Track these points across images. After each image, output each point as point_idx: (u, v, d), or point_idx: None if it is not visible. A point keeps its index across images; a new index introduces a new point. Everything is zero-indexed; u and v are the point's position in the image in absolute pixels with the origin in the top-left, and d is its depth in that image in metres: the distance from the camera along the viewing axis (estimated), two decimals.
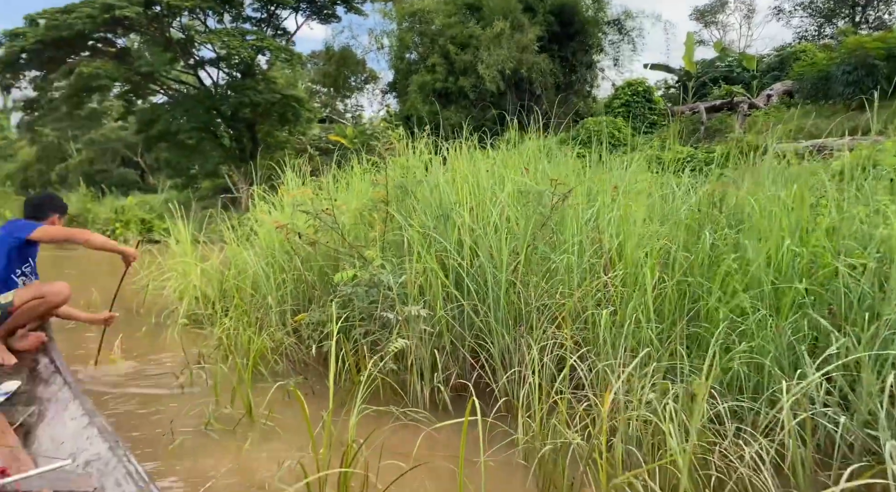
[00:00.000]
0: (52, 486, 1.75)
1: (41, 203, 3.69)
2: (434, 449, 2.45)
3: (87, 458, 2.02)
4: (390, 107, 21.63)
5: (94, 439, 2.10)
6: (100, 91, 19.64)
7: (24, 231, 3.40)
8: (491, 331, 3.23)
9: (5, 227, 3.55)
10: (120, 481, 1.76)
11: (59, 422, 2.47)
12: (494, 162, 4.45)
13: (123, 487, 1.71)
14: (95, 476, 1.86)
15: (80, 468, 1.97)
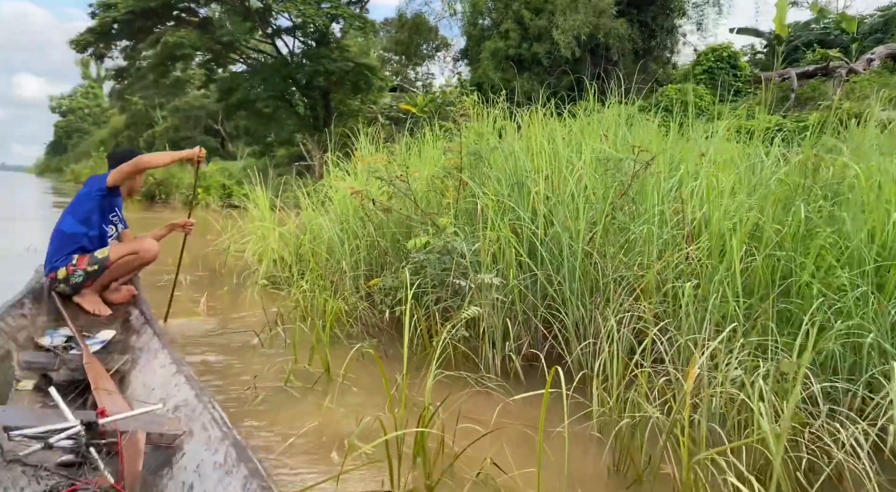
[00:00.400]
0: (146, 427, 1.84)
1: (123, 156, 3.80)
2: (507, 416, 2.45)
3: (176, 403, 2.12)
4: (461, 75, 21.43)
5: (182, 386, 2.21)
6: (183, 60, 20.40)
7: (101, 181, 3.59)
8: (565, 301, 3.18)
9: (86, 184, 3.72)
10: (206, 425, 1.83)
11: (149, 369, 2.61)
12: (571, 129, 4.32)
13: (209, 431, 1.79)
14: (184, 420, 1.95)
15: (170, 412, 2.07)
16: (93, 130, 51.49)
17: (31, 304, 3.27)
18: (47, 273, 3.50)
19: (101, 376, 2.40)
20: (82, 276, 3.43)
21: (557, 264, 3.25)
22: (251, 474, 1.45)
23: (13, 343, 2.71)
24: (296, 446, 2.25)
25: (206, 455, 1.69)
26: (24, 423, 1.77)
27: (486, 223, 3.35)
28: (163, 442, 1.85)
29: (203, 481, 1.60)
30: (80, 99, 60.51)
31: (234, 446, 1.62)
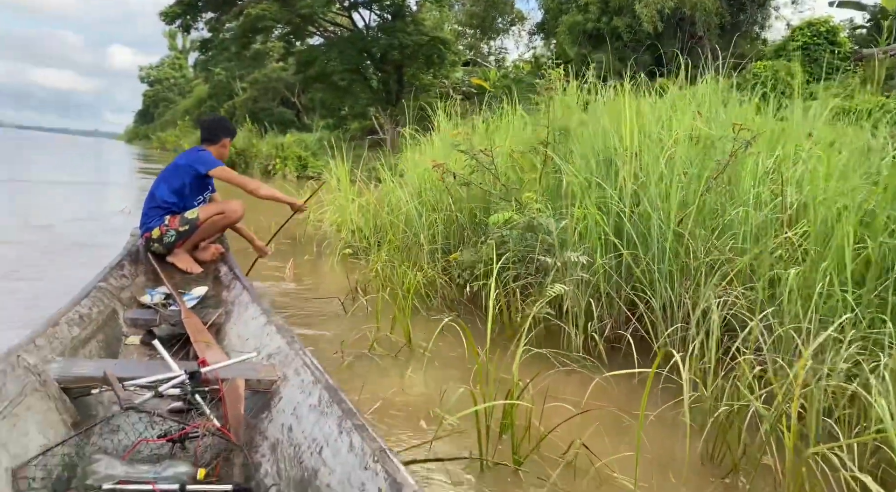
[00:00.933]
0: (244, 374, 1.94)
1: (216, 127, 3.91)
2: (592, 398, 2.42)
3: (269, 351, 2.21)
4: (537, 49, 21.00)
5: (273, 336, 2.29)
6: (264, 32, 20.83)
7: (203, 165, 3.65)
8: (652, 283, 3.09)
9: (187, 156, 3.81)
10: (298, 370, 1.90)
11: (242, 321, 2.73)
12: (662, 105, 4.15)
13: (302, 376, 1.85)
14: (278, 367, 2.04)
15: (265, 360, 2.16)
16: (178, 99, 53.78)
17: (130, 265, 3.46)
18: (142, 234, 3.68)
19: (199, 330, 2.54)
20: (174, 235, 3.60)
21: (645, 245, 3.15)
22: (345, 414, 1.51)
23: (118, 302, 2.87)
24: (381, 411, 2.30)
25: (300, 398, 1.76)
26: (136, 374, 1.89)
27: (572, 200, 3.28)
28: (260, 387, 1.94)
29: (300, 421, 1.67)
30: (167, 69, 63.15)
31: (327, 388, 1.68)
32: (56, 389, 1.77)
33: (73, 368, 1.88)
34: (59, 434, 1.66)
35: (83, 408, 1.84)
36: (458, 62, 23.33)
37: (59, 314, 2.23)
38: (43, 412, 1.66)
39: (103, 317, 2.57)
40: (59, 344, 2.06)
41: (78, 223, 6.73)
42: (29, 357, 1.79)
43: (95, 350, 2.33)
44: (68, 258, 4.75)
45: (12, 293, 3.64)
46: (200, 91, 36.36)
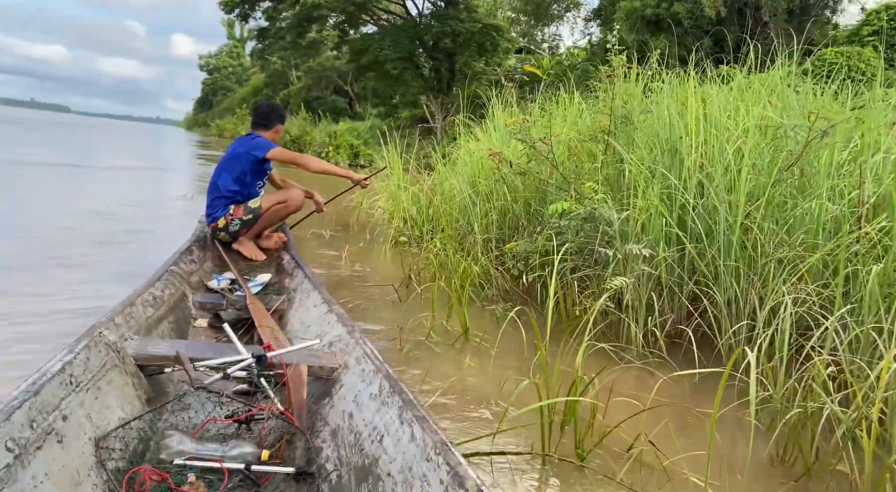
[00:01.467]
0: (307, 361, 1.97)
1: (269, 113, 4.00)
2: (654, 393, 2.36)
3: (330, 339, 2.25)
4: (592, 36, 20.56)
5: (334, 324, 2.33)
6: (319, 21, 21.09)
7: (260, 150, 3.74)
8: (717, 277, 2.98)
9: (243, 143, 3.87)
10: (359, 359, 1.93)
11: (304, 308, 2.78)
12: (728, 93, 3.99)
13: (363, 365, 1.88)
14: (339, 354, 2.07)
15: (326, 348, 2.20)
16: (235, 87, 55.19)
17: (198, 250, 3.58)
18: (209, 224, 3.82)
19: (263, 315, 2.60)
20: (239, 224, 3.72)
21: (710, 238, 3.05)
22: (406, 405, 1.52)
23: (188, 286, 2.97)
24: (441, 400, 2.30)
25: (361, 387, 1.78)
26: (206, 355, 1.95)
27: (634, 191, 3.20)
28: (322, 374, 1.98)
29: (361, 409, 1.69)
30: (225, 58, 64.81)
31: (387, 378, 1.69)
32: (133, 366, 1.85)
33: (148, 346, 1.95)
34: (135, 409, 1.73)
35: (155, 385, 1.92)
36: (510, 50, 23.09)
37: (134, 295, 2.32)
38: (121, 387, 1.74)
39: (174, 299, 2.66)
40: (134, 323, 2.14)
41: (144, 207, 7.00)
42: (109, 334, 1.86)
43: (167, 331, 2.42)
44: (135, 243, 4.93)
45: (87, 273, 3.80)
46: (257, 79, 37.19)
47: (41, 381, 1.44)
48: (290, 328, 2.70)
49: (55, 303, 3.10)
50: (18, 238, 4.56)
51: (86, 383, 1.58)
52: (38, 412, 1.36)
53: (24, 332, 2.66)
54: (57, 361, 1.54)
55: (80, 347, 1.65)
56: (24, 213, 5.80)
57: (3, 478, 1.19)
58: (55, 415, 1.41)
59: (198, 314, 2.80)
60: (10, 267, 3.74)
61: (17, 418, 1.29)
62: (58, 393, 1.46)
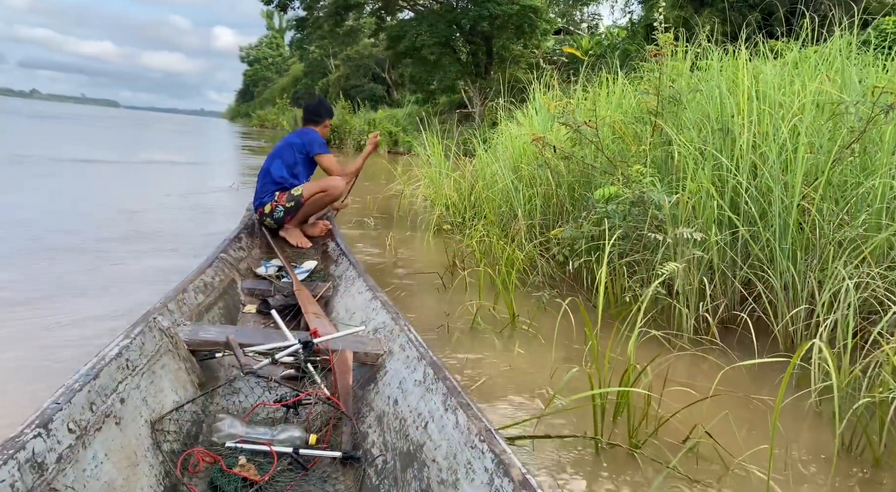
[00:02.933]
0: (352, 347, 1.99)
1: (318, 109, 4.17)
2: (709, 381, 2.30)
3: (375, 326, 2.27)
4: (634, 14, 20.04)
5: (379, 311, 2.34)
6: (356, 8, 21.11)
7: (314, 148, 3.97)
8: (772, 261, 2.88)
9: (301, 136, 4.04)
10: (403, 345, 1.94)
11: (349, 295, 2.81)
12: (780, 68, 3.83)
13: (407, 351, 1.89)
14: (383, 341, 2.08)
15: (371, 334, 2.22)
16: (275, 78, 55.95)
17: (247, 238, 3.68)
18: (256, 209, 3.95)
19: (310, 301, 2.65)
20: (282, 211, 3.85)
21: (767, 220, 2.94)
22: (450, 392, 1.52)
23: (237, 272, 3.04)
24: (491, 386, 2.30)
25: (406, 373, 1.80)
26: (254, 341, 1.99)
27: (683, 173, 3.11)
28: (367, 360, 1.99)
29: (406, 396, 1.70)
30: (265, 49, 65.68)
31: (432, 365, 1.70)
32: (185, 351, 1.89)
33: (199, 332, 2.00)
34: (188, 393, 1.78)
35: (206, 370, 1.96)
36: (549, 31, 22.69)
37: (186, 281, 2.38)
38: (174, 372, 1.78)
39: (224, 286, 2.73)
40: (187, 309, 2.20)
41: (195, 197, 7.20)
42: (163, 320, 1.90)
43: (217, 316, 2.47)
44: (189, 229, 5.06)
45: (148, 260, 3.92)
46: (296, 69, 37.55)
47: (100, 365, 1.48)
48: (335, 315, 2.73)
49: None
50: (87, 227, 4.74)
51: (141, 368, 1.62)
52: (98, 395, 1.40)
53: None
54: (114, 346, 1.58)
55: (135, 333, 1.69)
56: (87, 206, 6.01)
57: (65, 457, 1.22)
58: (113, 398, 1.45)
59: (246, 300, 2.86)
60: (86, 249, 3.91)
61: (78, 401, 1.33)
62: (115, 377, 1.50)
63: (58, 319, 2.72)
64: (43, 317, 2.74)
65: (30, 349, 2.39)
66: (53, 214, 5.39)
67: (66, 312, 2.82)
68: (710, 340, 2.77)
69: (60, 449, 1.22)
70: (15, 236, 4.31)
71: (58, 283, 3.31)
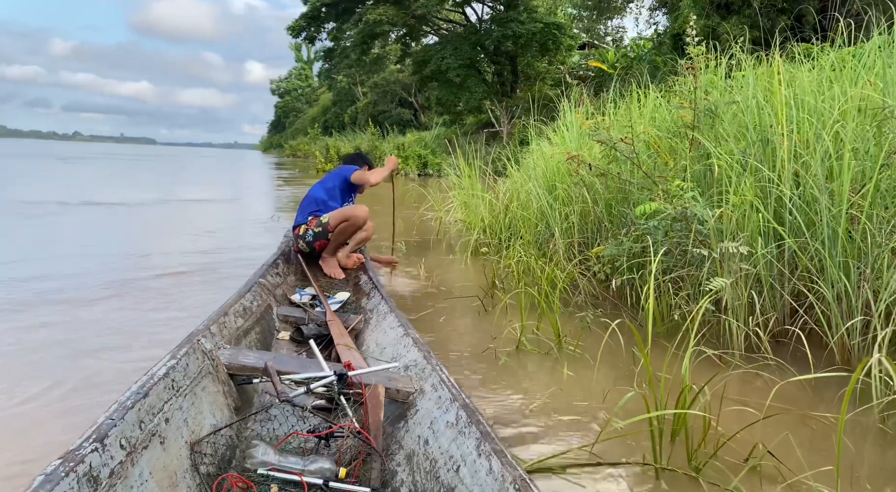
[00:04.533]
0: (384, 382, 1.96)
1: (355, 158, 4.61)
2: (764, 397, 2.24)
3: (406, 363, 2.24)
4: (658, 25, 19.96)
5: (410, 348, 2.31)
6: (381, 36, 21.51)
7: (349, 171, 4.24)
8: (822, 271, 2.81)
9: (343, 168, 4.38)
10: (436, 385, 1.90)
11: (380, 330, 2.78)
12: (816, 73, 3.77)
13: (439, 391, 1.85)
14: (415, 379, 2.04)
15: (402, 371, 2.19)
16: (305, 108, 57.26)
17: (283, 264, 3.74)
18: (294, 229, 4.13)
19: (342, 333, 2.65)
20: (312, 235, 3.99)
21: (811, 231, 2.88)
22: (483, 436, 1.49)
23: (273, 298, 3.06)
24: (543, 411, 2.28)
25: (437, 414, 1.76)
26: (290, 369, 1.99)
27: (727, 186, 3.07)
28: (398, 397, 1.96)
29: (437, 437, 1.67)
30: (295, 81, 67.35)
31: (464, 408, 1.66)
32: (225, 374, 1.91)
33: (239, 356, 2.00)
34: (225, 417, 1.78)
35: (242, 394, 1.98)
36: (574, 46, 22.76)
37: (227, 305, 2.41)
38: (213, 394, 1.79)
39: (261, 311, 2.75)
40: (227, 333, 2.22)
41: (240, 228, 7.43)
42: (206, 342, 1.92)
43: (254, 341, 2.48)
44: (237, 257, 5.18)
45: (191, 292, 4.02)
46: (325, 99, 38.32)
47: (149, 383, 1.50)
48: (365, 348, 2.71)
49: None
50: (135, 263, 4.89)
51: (185, 389, 1.65)
52: (147, 413, 1.43)
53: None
54: (161, 366, 1.61)
55: (181, 354, 1.72)
56: (134, 246, 6.20)
57: (116, 473, 1.24)
58: (159, 417, 1.47)
59: (281, 327, 2.88)
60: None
61: (129, 418, 1.35)
62: (162, 396, 1.53)
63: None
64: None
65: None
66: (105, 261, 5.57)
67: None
68: (763, 356, 2.71)
69: (113, 465, 1.24)
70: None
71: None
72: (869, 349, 2.58)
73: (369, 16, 19.38)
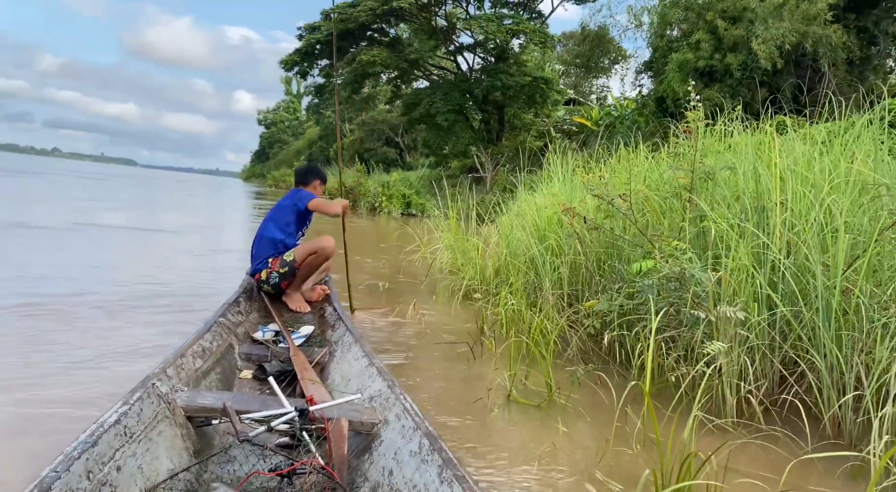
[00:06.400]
0: (347, 415, 1.94)
1: (306, 173, 4.31)
2: (753, 466, 2.21)
3: (371, 394, 2.23)
4: (642, 88, 20.63)
5: (375, 378, 2.32)
6: (373, 77, 21.82)
7: (302, 202, 4.00)
8: (815, 341, 2.82)
9: (290, 197, 4.13)
10: (399, 415, 1.90)
11: (345, 361, 2.77)
12: (812, 145, 3.88)
13: (402, 420, 1.85)
14: (378, 410, 2.04)
15: (366, 402, 2.18)
16: (291, 140, 57.46)
17: (245, 302, 3.65)
18: (252, 275, 3.96)
19: (306, 368, 2.61)
20: (277, 277, 3.84)
21: (805, 299, 2.90)
22: (445, 463, 1.49)
23: (234, 337, 3.00)
24: (539, 468, 2.21)
25: (401, 443, 1.76)
26: (250, 407, 1.95)
27: (722, 249, 3.09)
28: (362, 429, 1.95)
29: (401, 467, 1.66)
30: (282, 113, 67.73)
31: (427, 435, 1.66)
32: (182, 417, 1.86)
33: (197, 398, 1.96)
34: (183, 461, 1.73)
35: (202, 436, 1.92)
36: (560, 101, 23.34)
37: (185, 346, 2.37)
38: (170, 439, 1.74)
39: (221, 350, 2.70)
40: (185, 374, 2.18)
41: (208, 257, 7.24)
42: (161, 386, 1.88)
43: (214, 382, 2.44)
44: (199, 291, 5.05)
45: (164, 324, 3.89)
46: (312, 132, 38.59)
47: (98, 431, 1.46)
48: (330, 381, 2.69)
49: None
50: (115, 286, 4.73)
51: (138, 435, 1.60)
52: (95, 463, 1.38)
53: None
54: (113, 413, 1.56)
55: (134, 399, 1.67)
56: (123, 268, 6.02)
57: None
58: (110, 466, 1.43)
59: (243, 365, 2.82)
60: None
61: (75, 469, 1.31)
62: (113, 444, 1.48)
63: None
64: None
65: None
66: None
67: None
68: (752, 423, 2.68)
69: None
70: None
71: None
72: (862, 420, 2.57)
73: (363, 57, 19.70)
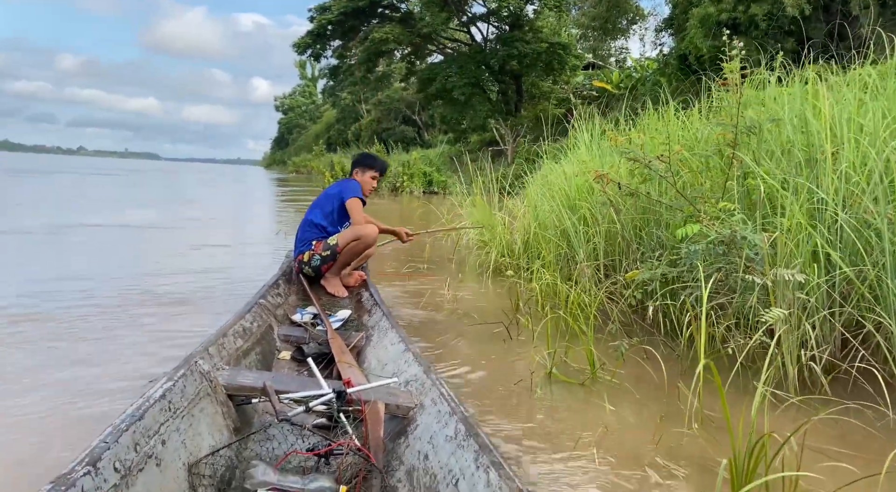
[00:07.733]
0: (384, 399, 1.97)
1: (358, 161, 4.33)
2: (818, 439, 2.04)
3: (407, 378, 2.26)
4: (664, 47, 20.00)
5: (411, 363, 2.34)
6: (387, 54, 21.53)
7: (346, 195, 4.00)
8: (883, 300, 2.61)
9: (339, 184, 4.17)
10: (435, 400, 1.91)
11: (381, 346, 2.79)
12: (861, 91, 3.60)
13: (438, 405, 1.87)
14: (415, 394, 2.06)
15: (402, 386, 2.19)
16: (308, 125, 57.44)
17: (284, 284, 3.72)
18: (295, 257, 4.00)
19: (343, 351, 2.63)
20: (319, 260, 3.88)
21: (874, 256, 2.68)
22: (482, 449, 1.49)
23: (273, 318, 3.05)
24: (596, 452, 2.06)
25: (437, 428, 1.77)
26: (289, 388, 1.98)
27: (773, 209, 2.88)
28: (398, 413, 1.98)
29: (437, 451, 1.68)
30: (299, 98, 67.71)
31: (463, 421, 1.67)
32: (223, 395, 1.92)
33: (237, 377, 2.01)
34: (224, 437, 1.80)
35: (242, 415, 1.98)
36: (578, 66, 22.77)
37: (227, 326, 2.42)
38: (212, 416, 1.80)
39: (261, 331, 2.75)
40: (226, 354, 2.22)
41: (251, 245, 7.29)
42: (203, 364, 1.93)
43: (254, 362, 2.48)
44: (248, 271, 4.98)
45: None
46: (329, 116, 38.45)
47: (145, 406, 1.52)
48: (366, 365, 2.71)
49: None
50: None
51: (182, 410, 1.66)
52: (142, 436, 1.44)
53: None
54: (158, 388, 1.62)
55: (178, 376, 1.73)
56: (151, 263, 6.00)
57: None
58: (156, 439, 1.48)
59: (282, 346, 2.85)
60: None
61: (124, 441, 1.36)
62: (158, 418, 1.54)
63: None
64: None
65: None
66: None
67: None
68: (813, 394, 2.50)
69: (106, 488, 1.25)
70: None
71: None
72: None
73: (375, 34, 19.42)
